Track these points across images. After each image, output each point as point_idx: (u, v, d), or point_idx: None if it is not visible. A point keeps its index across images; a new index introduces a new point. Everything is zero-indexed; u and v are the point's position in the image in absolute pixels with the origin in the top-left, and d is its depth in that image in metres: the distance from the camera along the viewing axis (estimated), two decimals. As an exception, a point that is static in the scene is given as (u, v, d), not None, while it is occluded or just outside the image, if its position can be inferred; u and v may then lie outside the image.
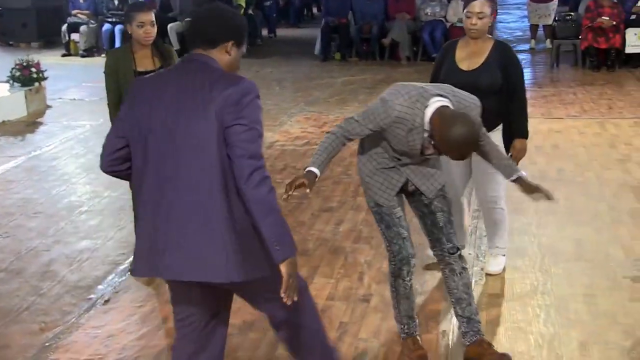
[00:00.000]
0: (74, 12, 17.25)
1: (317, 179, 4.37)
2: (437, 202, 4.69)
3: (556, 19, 15.89)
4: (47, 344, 5.05)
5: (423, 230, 4.78)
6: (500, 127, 5.62)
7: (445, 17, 15.26)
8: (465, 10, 5.62)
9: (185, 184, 3.40)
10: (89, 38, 16.91)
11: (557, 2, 16.55)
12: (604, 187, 7.85)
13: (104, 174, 3.69)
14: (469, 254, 6.15)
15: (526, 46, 17.04)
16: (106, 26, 16.77)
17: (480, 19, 5.50)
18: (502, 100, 5.55)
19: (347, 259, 6.22)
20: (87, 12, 17.25)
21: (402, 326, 4.78)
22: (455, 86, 4.87)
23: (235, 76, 3.49)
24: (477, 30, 5.54)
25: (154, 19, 5.73)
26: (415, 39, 15.75)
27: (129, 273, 5.43)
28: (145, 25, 5.67)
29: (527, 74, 14.49)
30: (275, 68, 15.64)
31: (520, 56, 15.66)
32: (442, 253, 4.69)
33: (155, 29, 5.74)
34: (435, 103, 4.28)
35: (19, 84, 11.67)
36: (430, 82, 5.50)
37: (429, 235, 4.74)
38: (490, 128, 5.18)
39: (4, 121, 10.73)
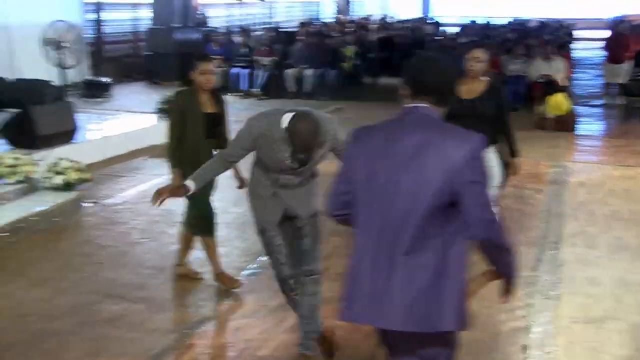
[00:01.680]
0: (208, 57, 17.66)
1: (188, 193, 4.49)
2: (308, 227, 4.60)
3: (629, 79, 15.71)
4: (185, 331, 5.18)
5: (286, 249, 4.60)
6: (492, 148, 5.99)
7: (525, 72, 15.10)
8: (466, 56, 6.11)
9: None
10: (220, 79, 17.28)
11: (631, 64, 16.32)
12: (670, 228, 7.68)
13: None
14: (546, 279, 6.12)
15: (599, 102, 16.74)
16: (234, 70, 17.14)
17: (477, 62, 6.03)
18: (494, 126, 6.00)
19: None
20: (220, 57, 17.64)
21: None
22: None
23: (465, 132, 3.12)
24: (475, 72, 6.04)
25: (214, 68, 5.67)
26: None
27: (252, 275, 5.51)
28: (207, 73, 5.59)
29: (600, 126, 14.30)
30: (376, 110, 15.51)
31: (593, 110, 15.61)
32: (299, 273, 4.59)
33: (214, 77, 5.67)
34: (289, 115, 4.23)
35: (164, 115, 11.97)
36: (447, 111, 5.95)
37: (292, 255, 4.62)
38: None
39: (151, 145, 11.00)
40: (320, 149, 4.29)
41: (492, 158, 5.98)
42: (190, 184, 4.48)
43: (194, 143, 5.55)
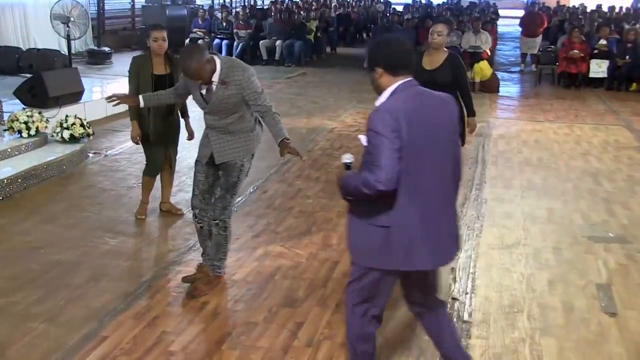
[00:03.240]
0: (194, 30, 17.32)
1: (137, 104, 4.79)
2: (223, 177, 4.44)
3: (540, 49, 15.85)
4: (173, 260, 5.15)
5: (204, 186, 4.52)
6: None
7: (460, 44, 15.03)
8: (430, 29, 5.95)
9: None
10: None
11: (541, 37, 16.50)
12: (570, 172, 7.75)
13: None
14: (472, 214, 6.19)
15: (517, 68, 16.81)
16: (216, 41, 16.84)
17: (439, 36, 5.82)
18: (453, 92, 5.70)
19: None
20: (203, 30, 17.32)
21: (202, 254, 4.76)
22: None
23: (443, 94, 3.18)
24: (436, 43, 5.84)
25: (165, 36, 5.48)
26: (436, 59, 15.56)
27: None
28: (158, 40, 5.45)
29: (517, 89, 14.36)
30: (335, 75, 15.54)
31: (513, 75, 15.65)
32: (207, 215, 4.54)
33: (166, 43, 5.47)
34: None
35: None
36: None
37: (206, 192, 4.52)
38: None
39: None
40: (225, 88, 4.17)
41: None
42: (141, 99, 4.75)
43: None
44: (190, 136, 5.89)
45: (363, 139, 2.98)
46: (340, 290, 4.61)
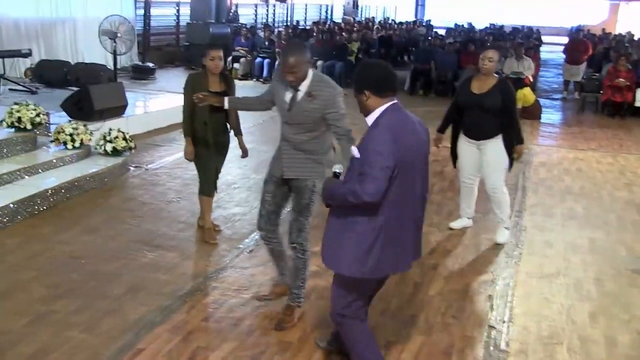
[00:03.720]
0: (237, 48, 17.52)
1: (222, 104, 4.76)
2: (296, 199, 4.31)
3: (584, 77, 15.60)
4: (210, 275, 5.17)
5: (271, 207, 4.43)
6: (500, 136, 5.89)
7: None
8: (481, 55, 5.92)
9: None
10: (245, 67, 17.14)
11: (585, 65, 16.27)
12: (614, 203, 7.61)
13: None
14: (507, 239, 6.12)
15: (559, 95, 16.61)
16: (258, 59, 17.00)
17: (489, 62, 5.81)
18: (501, 118, 5.84)
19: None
20: (246, 48, 17.51)
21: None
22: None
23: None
24: (487, 69, 5.84)
25: (221, 55, 5.51)
26: (478, 84, 15.48)
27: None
28: (215, 59, 5.46)
29: (559, 116, 14.18)
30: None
31: (555, 102, 15.47)
32: (275, 237, 4.53)
33: (222, 62, 5.51)
34: None
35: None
36: (452, 102, 6.21)
37: (272, 214, 4.43)
38: (492, 136, 5.88)
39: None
40: (310, 101, 4.08)
41: (499, 146, 5.87)
42: (226, 100, 4.75)
43: (202, 116, 5.53)
44: (244, 154, 5.87)
45: (355, 151, 3.32)
46: (376, 310, 4.59)
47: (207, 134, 5.62)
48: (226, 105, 4.78)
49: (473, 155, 6.09)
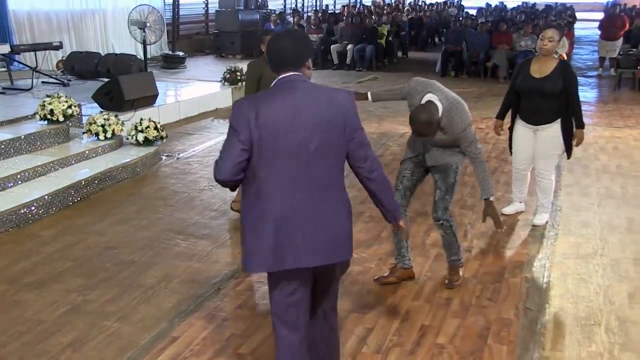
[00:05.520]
0: (266, 34, 17.53)
1: (367, 99, 4.79)
2: (439, 181, 4.54)
3: (620, 53, 15.25)
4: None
5: (407, 183, 4.63)
6: (558, 120, 5.71)
7: (534, 48, 14.69)
8: (540, 35, 5.73)
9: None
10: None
11: (622, 40, 15.89)
12: (652, 181, 7.46)
13: None
14: (546, 222, 6.03)
15: (594, 72, 16.31)
16: (287, 45, 16.97)
17: (550, 42, 5.57)
18: (561, 102, 5.64)
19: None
20: (275, 34, 17.50)
21: (396, 256, 4.85)
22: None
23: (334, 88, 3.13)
24: (547, 50, 5.62)
25: None
26: (511, 63, 15.22)
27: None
28: None
29: (595, 94, 13.91)
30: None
31: (590, 80, 15.18)
32: (433, 217, 4.66)
33: None
34: (427, 97, 4.26)
35: (228, 83, 11.98)
36: (510, 86, 5.98)
37: (407, 189, 4.64)
38: (550, 121, 5.69)
39: (217, 108, 11.02)
40: (440, 134, 4.29)
41: (556, 132, 5.74)
42: (369, 95, 4.83)
43: None
44: None
45: None
46: (410, 297, 4.56)
47: None
48: (370, 100, 4.83)
49: (529, 141, 5.90)
